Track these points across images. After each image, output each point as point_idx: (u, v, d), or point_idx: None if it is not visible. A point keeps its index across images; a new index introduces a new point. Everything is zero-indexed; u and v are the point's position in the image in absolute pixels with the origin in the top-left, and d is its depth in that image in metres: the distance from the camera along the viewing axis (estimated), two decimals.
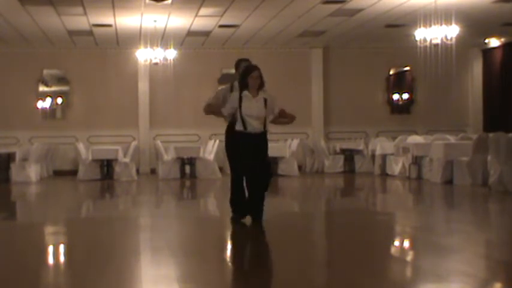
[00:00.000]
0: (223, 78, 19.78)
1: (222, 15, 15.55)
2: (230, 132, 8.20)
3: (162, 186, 15.51)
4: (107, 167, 17.13)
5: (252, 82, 7.97)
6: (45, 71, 19.70)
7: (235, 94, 8.06)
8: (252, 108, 7.94)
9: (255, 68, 8.10)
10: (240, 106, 7.95)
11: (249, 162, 7.94)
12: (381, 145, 17.36)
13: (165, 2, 13.98)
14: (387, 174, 16.77)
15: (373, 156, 17.87)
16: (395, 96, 20.90)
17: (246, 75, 8.02)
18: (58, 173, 18.74)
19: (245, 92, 7.96)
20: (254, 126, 7.96)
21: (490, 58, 20.42)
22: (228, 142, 8.28)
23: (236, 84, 8.34)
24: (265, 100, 8.03)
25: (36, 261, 6.13)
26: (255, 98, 7.97)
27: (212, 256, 6.32)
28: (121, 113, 19.67)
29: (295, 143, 18.09)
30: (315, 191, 14.52)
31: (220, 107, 8.25)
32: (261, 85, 8.00)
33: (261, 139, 8.04)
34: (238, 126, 8.00)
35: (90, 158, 17.02)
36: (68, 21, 15.95)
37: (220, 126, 8.81)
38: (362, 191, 14.40)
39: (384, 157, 17.19)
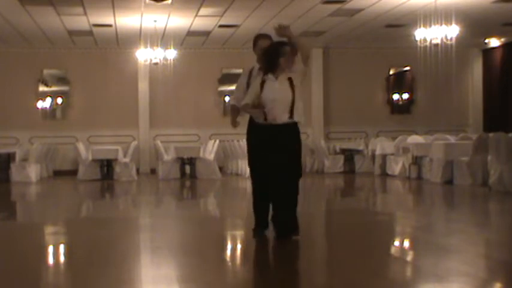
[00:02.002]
0: (224, 78, 19.83)
1: (222, 15, 15.56)
2: (250, 125, 6.94)
3: (162, 186, 15.50)
4: (107, 167, 17.13)
5: (285, 63, 6.66)
6: (45, 71, 19.70)
7: (258, 79, 6.74)
8: (274, 90, 6.59)
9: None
10: (261, 91, 6.63)
11: (270, 161, 6.57)
12: (381, 145, 17.36)
13: (165, 2, 13.98)
14: (387, 174, 16.76)
15: (373, 156, 17.87)
16: (396, 96, 20.91)
17: (278, 56, 6.65)
18: (58, 173, 18.74)
19: (269, 75, 6.65)
20: (276, 114, 6.57)
21: (490, 58, 20.42)
22: (248, 137, 7.02)
23: (256, 67, 7.00)
24: (290, 80, 6.66)
25: (36, 261, 6.13)
26: (279, 78, 6.63)
27: (212, 256, 6.32)
28: (121, 113, 19.67)
29: None
30: (315, 191, 14.51)
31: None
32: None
33: (286, 132, 6.61)
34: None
35: (90, 158, 17.02)
36: (68, 21, 15.96)
37: (221, 126, 8.52)
38: (362, 191, 14.39)
39: (384, 157, 17.19)
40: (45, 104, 19.76)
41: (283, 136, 6.57)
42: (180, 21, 16.07)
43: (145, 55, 17.07)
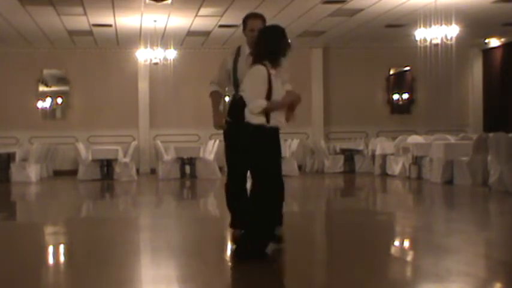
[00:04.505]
0: None
1: (222, 15, 15.56)
2: (235, 110, 6.06)
3: (162, 186, 15.51)
4: (107, 167, 17.13)
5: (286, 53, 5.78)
6: (45, 71, 19.70)
7: (262, 72, 5.61)
8: (280, 90, 5.75)
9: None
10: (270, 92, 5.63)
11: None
12: (381, 145, 17.36)
13: (165, 2, 13.99)
14: (387, 174, 16.77)
15: (373, 156, 17.88)
16: (396, 96, 20.91)
17: (284, 44, 5.75)
18: (58, 173, 18.74)
19: (272, 71, 5.70)
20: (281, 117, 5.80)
21: (490, 58, 20.43)
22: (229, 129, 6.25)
23: (246, 49, 6.12)
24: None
25: (36, 261, 6.13)
26: (276, 76, 5.76)
27: (212, 256, 6.31)
28: (121, 113, 19.68)
29: (295, 143, 18.10)
30: (315, 191, 14.52)
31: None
32: None
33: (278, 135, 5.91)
34: (259, 119, 5.67)
35: (90, 158, 17.02)
36: (68, 21, 15.96)
37: None
38: (362, 191, 14.40)
39: (384, 157, 17.19)
40: (45, 104, 19.76)
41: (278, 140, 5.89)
42: (180, 21, 16.07)
43: (145, 55, 17.07)
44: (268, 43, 5.72)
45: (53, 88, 19.92)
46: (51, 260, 6.42)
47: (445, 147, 14.17)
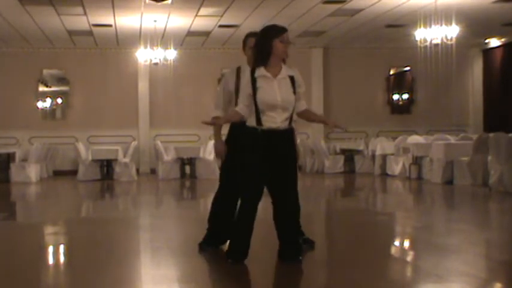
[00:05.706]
0: None
1: (222, 15, 15.55)
2: (235, 129, 5.94)
3: (162, 186, 15.51)
4: (106, 167, 17.13)
5: (283, 49, 5.48)
6: (45, 71, 19.69)
7: (246, 76, 5.59)
8: (274, 92, 5.45)
9: (286, 29, 5.56)
10: (254, 92, 5.44)
11: (264, 177, 5.53)
12: (381, 145, 17.36)
13: (165, 2, 13.98)
14: (387, 175, 16.76)
15: (373, 156, 17.87)
16: (396, 96, 20.90)
17: (273, 37, 5.47)
18: (58, 173, 18.73)
19: (261, 70, 5.47)
20: (276, 120, 5.46)
21: (490, 58, 20.42)
22: (229, 142, 6.12)
23: (245, 67, 6.04)
24: (292, 79, 5.59)
25: (36, 261, 6.13)
26: (277, 77, 5.51)
27: (212, 256, 6.31)
28: (121, 113, 19.67)
29: None
30: (315, 191, 14.51)
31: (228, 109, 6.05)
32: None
33: (285, 141, 5.53)
34: (250, 121, 5.50)
35: (90, 158, 17.02)
36: (68, 21, 15.96)
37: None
38: (362, 191, 14.39)
39: (384, 157, 17.19)
40: (45, 104, 19.76)
41: (283, 146, 5.52)
42: (180, 21, 16.07)
43: (145, 55, 17.06)
44: (255, 47, 5.67)
45: (53, 88, 19.91)
46: (51, 260, 6.42)
47: (445, 147, 14.17)
